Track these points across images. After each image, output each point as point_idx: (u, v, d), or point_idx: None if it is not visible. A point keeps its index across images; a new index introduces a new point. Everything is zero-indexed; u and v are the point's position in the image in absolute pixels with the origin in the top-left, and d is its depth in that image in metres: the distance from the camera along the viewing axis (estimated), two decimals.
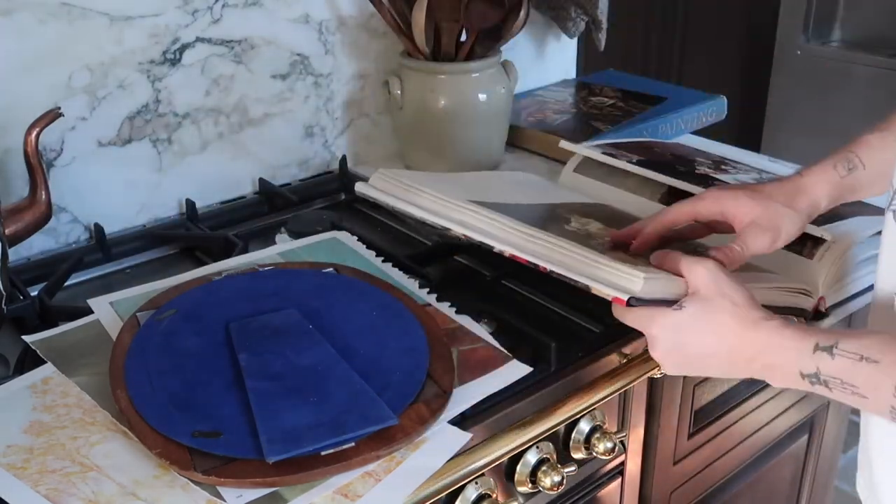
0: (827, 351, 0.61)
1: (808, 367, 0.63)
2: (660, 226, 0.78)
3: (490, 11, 1.13)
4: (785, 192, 0.75)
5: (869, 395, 0.60)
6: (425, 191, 0.84)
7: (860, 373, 0.60)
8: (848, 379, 0.60)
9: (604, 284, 0.69)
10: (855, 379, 0.60)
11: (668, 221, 0.78)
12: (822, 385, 0.62)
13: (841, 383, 0.61)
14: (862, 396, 0.60)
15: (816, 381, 0.62)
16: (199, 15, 1.07)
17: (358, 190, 0.90)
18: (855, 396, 0.60)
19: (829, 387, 0.62)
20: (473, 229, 0.79)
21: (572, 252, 0.72)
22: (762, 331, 0.66)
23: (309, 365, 0.73)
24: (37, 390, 0.73)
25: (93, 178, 1.04)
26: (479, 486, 0.73)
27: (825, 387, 0.62)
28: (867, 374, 0.59)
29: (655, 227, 0.78)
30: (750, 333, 0.66)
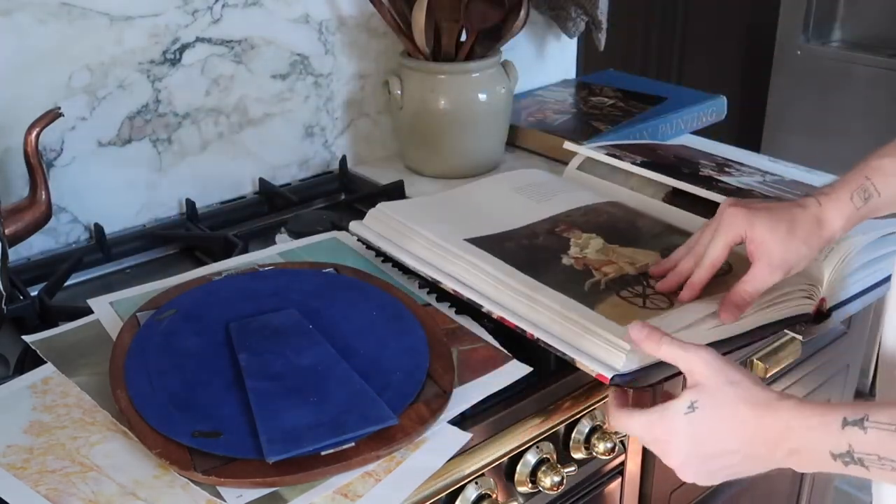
0: (857, 425, 0.56)
1: (838, 447, 0.57)
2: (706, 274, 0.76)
3: (490, 11, 1.13)
4: (806, 226, 0.73)
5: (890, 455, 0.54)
6: (419, 233, 0.86)
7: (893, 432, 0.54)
8: (887, 454, 0.55)
9: (588, 358, 0.71)
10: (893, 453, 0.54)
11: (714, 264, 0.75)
12: (856, 465, 0.56)
13: (878, 459, 0.55)
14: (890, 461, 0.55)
15: (850, 461, 0.56)
16: (199, 15, 1.07)
17: (352, 230, 0.92)
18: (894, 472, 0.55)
19: (865, 465, 0.56)
20: (464, 285, 0.81)
21: (561, 316, 0.74)
22: (781, 412, 0.60)
23: (309, 365, 0.73)
24: (37, 390, 0.73)
25: (93, 178, 1.04)
26: (479, 486, 0.73)
27: (861, 466, 0.56)
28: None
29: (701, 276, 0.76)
30: (768, 418, 0.60)
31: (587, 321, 0.73)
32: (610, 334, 0.71)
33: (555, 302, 0.75)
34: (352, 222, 0.94)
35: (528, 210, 0.95)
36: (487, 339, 0.79)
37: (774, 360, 0.98)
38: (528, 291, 0.77)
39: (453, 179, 1.20)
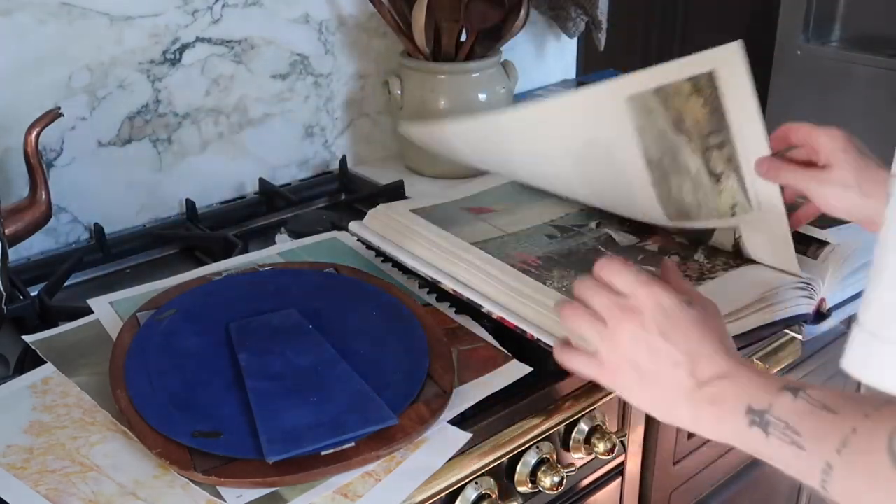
0: (791, 392, 0.55)
1: (760, 403, 0.56)
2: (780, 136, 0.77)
3: (490, 11, 1.13)
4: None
5: (807, 448, 0.52)
6: (419, 232, 0.85)
7: (812, 419, 0.53)
8: (795, 424, 0.53)
9: None
10: (802, 425, 0.53)
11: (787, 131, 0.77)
12: (759, 427, 0.55)
13: (785, 427, 0.54)
14: (799, 448, 0.53)
15: (758, 422, 0.55)
16: (199, 15, 1.07)
17: (352, 230, 0.92)
18: (792, 447, 0.53)
19: (767, 430, 0.55)
20: (464, 285, 0.81)
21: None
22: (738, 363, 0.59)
23: (309, 365, 0.73)
24: (37, 390, 0.73)
25: (93, 178, 1.04)
26: (479, 486, 0.73)
27: (762, 430, 0.55)
28: (818, 423, 0.53)
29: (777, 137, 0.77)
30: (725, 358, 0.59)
31: None
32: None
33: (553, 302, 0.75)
34: (351, 222, 0.94)
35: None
36: (487, 339, 0.79)
37: (774, 360, 0.98)
38: (528, 292, 0.77)
39: (453, 179, 1.20)
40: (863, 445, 0.49)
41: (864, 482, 0.49)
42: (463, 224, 0.91)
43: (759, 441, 0.56)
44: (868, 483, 0.49)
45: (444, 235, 0.86)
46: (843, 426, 0.51)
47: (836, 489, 0.51)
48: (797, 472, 0.54)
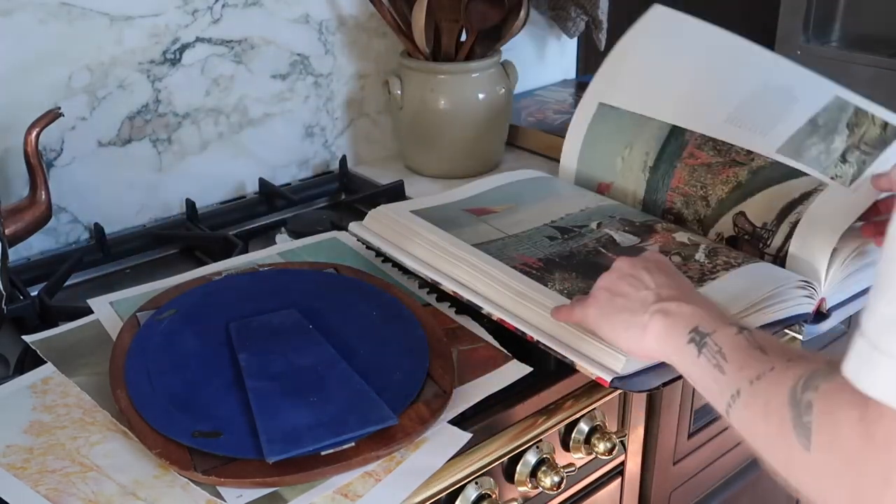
0: (738, 328, 0.59)
1: (706, 326, 0.61)
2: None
3: (490, 11, 1.13)
4: None
5: (727, 373, 0.57)
6: (420, 233, 0.86)
7: (743, 353, 0.57)
8: (727, 351, 0.58)
9: (588, 361, 0.71)
10: (732, 354, 0.57)
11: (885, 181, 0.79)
12: (695, 346, 0.60)
13: (717, 352, 0.58)
14: (720, 371, 0.57)
15: (696, 341, 0.60)
16: (199, 15, 1.07)
17: (352, 231, 0.92)
18: (715, 370, 0.58)
19: (700, 350, 0.59)
20: (464, 286, 0.82)
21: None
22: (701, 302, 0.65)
23: (309, 365, 0.73)
24: (37, 390, 0.73)
25: (93, 178, 1.04)
26: (479, 486, 0.73)
27: (697, 348, 0.60)
28: (746, 356, 0.56)
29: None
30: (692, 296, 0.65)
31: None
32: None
33: (555, 304, 0.75)
34: (351, 223, 0.94)
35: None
36: (487, 339, 0.79)
37: None
38: (529, 294, 0.77)
39: (453, 179, 1.20)
40: (772, 380, 0.53)
41: (760, 412, 0.53)
42: (463, 225, 0.91)
43: (689, 357, 0.61)
44: (762, 413, 0.53)
45: (444, 237, 0.86)
46: (764, 364, 0.54)
47: (736, 415, 0.56)
48: (710, 393, 0.59)
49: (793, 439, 0.48)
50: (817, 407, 0.47)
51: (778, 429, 0.50)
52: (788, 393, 0.50)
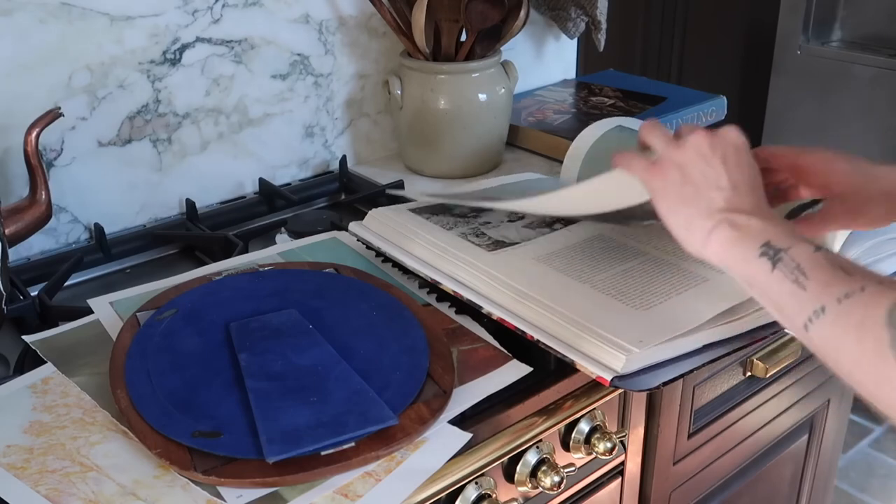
0: (816, 246, 0.57)
1: (781, 242, 0.58)
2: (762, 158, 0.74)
3: (490, 11, 1.13)
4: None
5: (809, 289, 0.55)
6: (419, 233, 0.85)
7: (825, 270, 0.55)
8: (806, 268, 0.55)
9: (588, 360, 0.71)
10: (814, 271, 0.55)
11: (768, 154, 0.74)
12: (769, 259, 0.57)
13: (795, 267, 0.56)
14: (800, 287, 0.55)
15: (769, 255, 0.57)
16: (199, 15, 1.07)
17: (352, 231, 0.92)
18: (793, 285, 0.55)
19: (776, 264, 0.57)
20: (464, 286, 0.81)
21: (560, 316, 0.74)
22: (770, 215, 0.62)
23: (309, 365, 0.73)
24: (37, 390, 0.73)
25: (93, 178, 1.04)
26: (479, 486, 0.73)
27: (770, 261, 0.57)
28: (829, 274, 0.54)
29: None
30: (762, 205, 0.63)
31: (587, 322, 0.73)
32: (610, 335, 0.71)
33: (555, 303, 0.75)
34: (351, 223, 0.94)
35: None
36: (487, 339, 0.79)
37: (774, 360, 0.98)
38: (529, 292, 0.77)
39: (453, 179, 1.20)
40: (866, 300, 0.51)
41: (853, 332, 0.51)
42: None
43: (761, 271, 0.58)
44: (855, 331, 0.51)
45: (444, 236, 0.86)
46: (852, 283, 0.53)
47: (820, 332, 0.54)
48: (783, 307, 0.57)
49: (891, 359, 0.48)
50: None
51: (874, 348, 0.50)
52: (886, 315, 0.49)
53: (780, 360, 0.98)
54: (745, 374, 0.99)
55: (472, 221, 0.91)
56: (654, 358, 0.70)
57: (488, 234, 0.89)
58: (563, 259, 0.84)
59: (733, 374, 0.98)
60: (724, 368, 0.96)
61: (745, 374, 0.99)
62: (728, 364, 0.96)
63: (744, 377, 1.00)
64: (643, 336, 0.71)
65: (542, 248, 0.86)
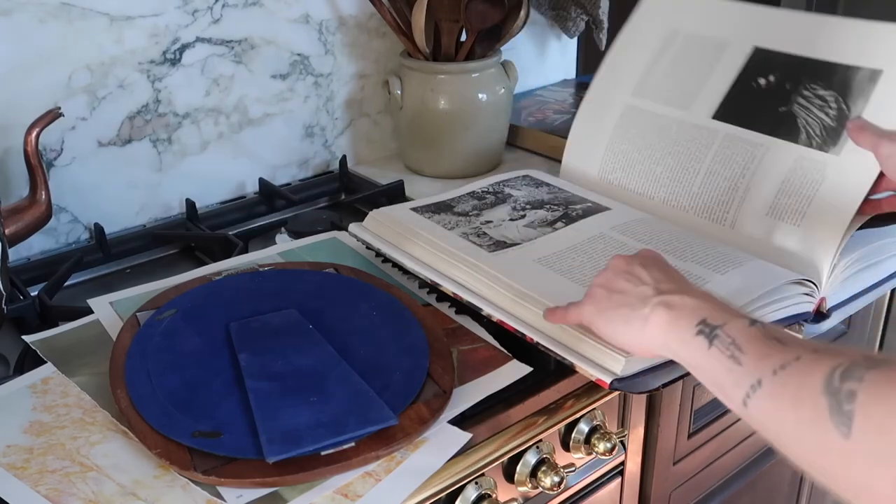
0: (751, 321, 0.58)
1: (716, 319, 0.59)
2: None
3: (490, 11, 1.13)
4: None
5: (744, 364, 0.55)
6: (420, 234, 0.85)
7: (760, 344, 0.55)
8: (741, 343, 0.56)
9: (588, 362, 0.71)
10: (749, 345, 0.55)
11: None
12: (705, 337, 0.58)
13: (731, 343, 0.56)
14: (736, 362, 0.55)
15: (705, 333, 0.58)
16: (199, 15, 1.07)
17: (352, 232, 0.92)
18: (730, 360, 0.56)
19: (712, 342, 0.58)
20: (464, 288, 0.81)
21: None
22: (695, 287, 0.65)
23: (309, 365, 0.73)
24: (37, 390, 0.73)
25: (93, 178, 1.04)
26: (479, 486, 0.73)
27: (707, 340, 0.58)
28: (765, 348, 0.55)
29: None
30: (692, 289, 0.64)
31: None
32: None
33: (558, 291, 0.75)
34: (351, 224, 0.94)
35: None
36: (487, 339, 0.79)
37: None
38: (529, 294, 0.77)
39: (453, 179, 1.20)
40: (802, 369, 0.51)
41: (789, 403, 0.51)
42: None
43: (698, 350, 0.59)
44: (791, 403, 0.51)
45: (443, 237, 0.86)
46: (787, 354, 0.53)
47: (757, 406, 0.53)
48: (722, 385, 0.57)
49: (830, 427, 0.47)
50: (862, 396, 0.46)
51: (811, 418, 0.49)
52: (823, 383, 0.49)
53: None
54: None
55: (473, 221, 0.91)
56: (654, 360, 0.70)
57: (489, 233, 0.89)
58: (564, 260, 0.84)
59: None
60: None
61: None
62: None
63: None
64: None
65: (543, 248, 0.86)
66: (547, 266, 0.82)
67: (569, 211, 0.94)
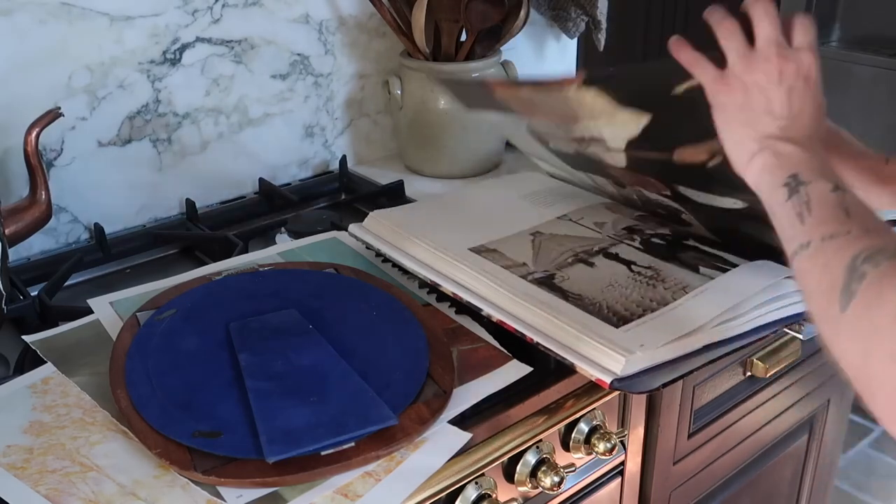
0: (834, 184, 0.59)
1: (806, 175, 0.61)
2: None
3: (490, 11, 1.13)
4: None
5: (806, 224, 0.58)
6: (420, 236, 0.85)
7: (827, 210, 0.58)
8: (815, 203, 0.58)
9: (588, 362, 0.71)
10: (818, 208, 0.58)
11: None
12: (787, 189, 0.60)
13: (805, 202, 0.59)
14: (800, 221, 0.58)
15: (790, 185, 0.61)
16: (199, 15, 1.07)
17: (352, 233, 0.92)
18: (796, 218, 0.59)
19: (790, 196, 0.60)
20: (464, 287, 0.81)
21: (560, 319, 0.74)
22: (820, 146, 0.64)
23: (309, 365, 0.73)
24: (37, 390, 0.73)
25: (93, 178, 1.04)
26: (479, 486, 0.73)
27: (787, 192, 0.60)
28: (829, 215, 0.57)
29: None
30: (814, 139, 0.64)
31: (587, 326, 0.73)
32: (609, 338, 0.71)
33: (554, 305, 0.75)
34: (351, 225, 0.94)
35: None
36: (487, 339, 0.79)
37: (774, 360, 0.98)
38: (529, 293, 0.77)
39: (453, 179, 1.20)
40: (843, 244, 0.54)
41: (819, 270, 0.55)
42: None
43: (778, 198, 0.61)
44: (820, 270, 0.55)
45: (443, 239, 0.86)
46: (843, 226, 0.56)
47: (798, 264, 0.58)
48: (785, 237, 0.60)
49: (834, 300, 0.52)
50: (868, 279, 0.50)
51: (827, 288, 0.53)
52: (850, 259, 0.52)
53: (780, 360, 0.98)
54: (745, 374, 0.99)
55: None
56: (654, 360, 0.70)
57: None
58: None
59: (733, 374, 0.98)
60: (724, 368, 0.96)
61: (745, 374, 0.99)
62: (728, 364, 0.96)
63: (744, 377, 1.00)
64: (643, 339, 0.71)
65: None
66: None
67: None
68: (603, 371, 0.70)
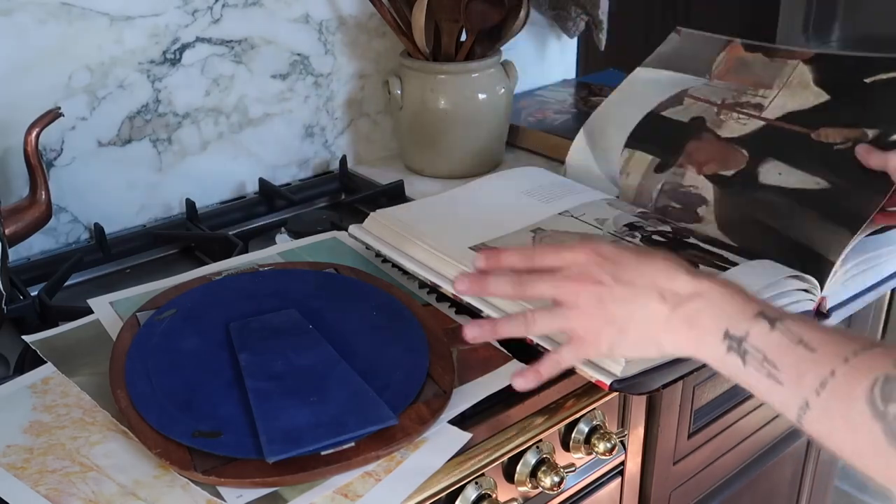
0: (769, 321, 0.54)
1: (737, 329, 0.55)
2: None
3: (490, 11, 1.13)
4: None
5: (785, 384, 0.52)
6: (420, 237, 0.85)
7: (790, 355, 0.52)
8: (773, 357, 0.53)
9: (587, 364, 0.71)
10: (780, 359, 0.53)
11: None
12: (737, 354, 0.55)
13: (762, 359, 0.53)
14: (777, 382, 0.53)
15: (735, 348, 0.55)
16: (199, 15, 1.07)
17: (352, 233, 0.92)
18: (769, 380, 0.53)
19: (744, 359, 0.54)
20: None
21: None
22: (704, 277, 0.59)
23: (309, 365, 0.73)
24: (37, 390, 0.73)
25: (93, 178, 1.04)
26: (479, 486, 0.73)
27: (740, 358, 0.55)
28: (796, 360, 0.52)
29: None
30: (693, 277, 0.59)
31: None
32: None
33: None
34: (351, 226, 0.94)
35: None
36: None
37: None
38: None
39: (453, 179, 1.20)
40: (841, 390, 0.50)
41: (841, 426, 0.50)
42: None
43: (737, 368, 0.56)
44: (845, 427, 0.50)
45: (443, 239, 0.86)
46: (821, 367, 0.51)
47: (812, 428, 0.52)
48: (775, 404, 0.55)
49: (892, 453, 0.48)
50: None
51: (871, 442, 0.48)
52: (868, 406, 0.48)
53: None
54: None
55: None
56: (654, 361, 0.70)
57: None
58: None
59: None
60: None
61: None
62: None
63: None
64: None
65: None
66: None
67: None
68: (603, 373, 0.70)
